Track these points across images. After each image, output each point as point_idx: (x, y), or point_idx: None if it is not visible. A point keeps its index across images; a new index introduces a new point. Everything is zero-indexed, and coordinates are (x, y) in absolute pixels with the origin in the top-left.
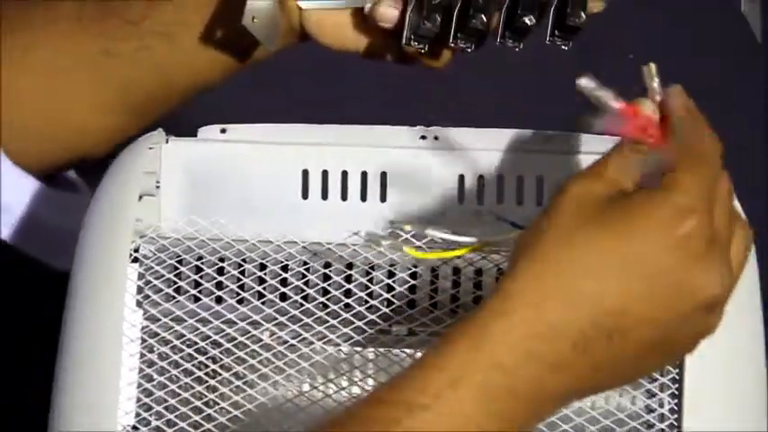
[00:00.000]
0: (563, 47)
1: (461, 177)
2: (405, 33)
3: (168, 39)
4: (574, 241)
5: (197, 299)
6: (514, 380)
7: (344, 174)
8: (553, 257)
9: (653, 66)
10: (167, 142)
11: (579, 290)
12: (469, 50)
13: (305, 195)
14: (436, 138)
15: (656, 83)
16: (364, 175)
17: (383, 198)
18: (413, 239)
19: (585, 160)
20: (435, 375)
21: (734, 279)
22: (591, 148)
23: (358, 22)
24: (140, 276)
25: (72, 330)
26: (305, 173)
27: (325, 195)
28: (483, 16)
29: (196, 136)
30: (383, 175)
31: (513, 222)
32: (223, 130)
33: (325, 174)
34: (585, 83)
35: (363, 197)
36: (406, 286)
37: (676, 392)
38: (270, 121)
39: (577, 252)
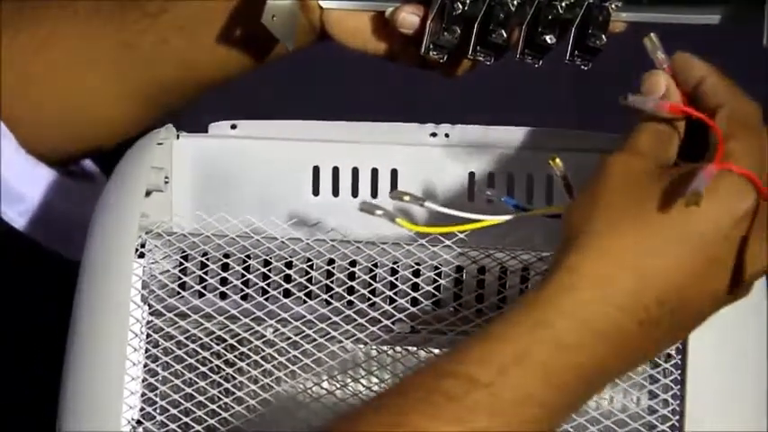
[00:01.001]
0: (582, 66)
1: (471, 174)
2: (424, 42)
3: (187, 33)
4: (633, 217)
5: (202, 295)
6: (580, 358)
7: (355, 171)
8: (616, 233)
9: (653, 36)
10: (178, 138)
11: (645, 266)
12: (489, 63)
13: (315, 192)
14: (447, 135)
15: (660, 53)
16: (375, 171)
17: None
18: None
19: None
20: (500, 350)
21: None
22: (603, 145)
23: (378, 25)
24: (146, 272)
25: (78, 325)
26: (315, 169)
27: (336, 192)
28: (503, 31)
29: (207, 132)
30: (394, 172)
31: (516, 205)
32: (234, 126)
33: (335, 170)
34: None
35: (374, 194)
36: (409, 284)
37: (678, 393)
38: (281, 117)
39: (640, 228)
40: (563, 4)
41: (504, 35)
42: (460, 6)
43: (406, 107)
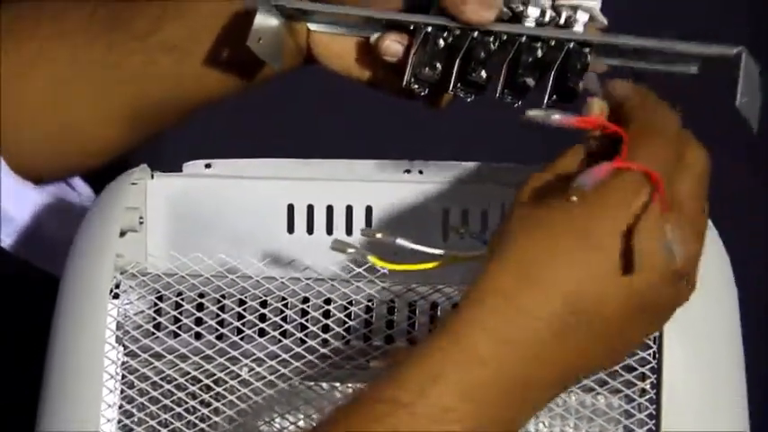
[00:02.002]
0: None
1: (446, 211)
2: (406, 75)
3: (176, 54)
4: (533, 228)
5: (177, 335)
6: (496, 371)
7: (330, 208)
8: (517, 246)
9: (592, 75)
10: (152, 177)
11: (545, 274)
12: (469, 99)
13: (290, 230)
14: (421, 171)
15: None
16: (349, 209)
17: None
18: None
19: None
20: (417, 371)
21: (699, 245)
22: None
23: (363, 51)
24: (121, 312)
25: (53, 366)
26: (290, 207)
27: (310, 230)
28: (483, 72)
29: (181, 171)
30: (368, 209)
31: (485, 240)
32: (208, 165)
33: (310, 208)
34: (533, 113)
35: (349, 231)
36: (385, 321)
37: (654, 397)
38: (255, 155)
39: (538, 238)
40: (543, 48)
41: (484, 75)
42: (442, 42)
43: (381, 143)
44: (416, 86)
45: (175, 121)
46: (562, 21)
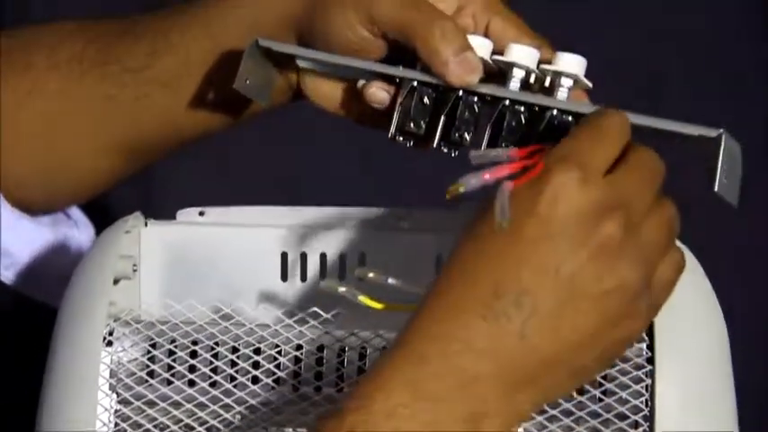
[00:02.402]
0: None
1: (439, 258)
2: (391, 128)
3: (169, 89)
4: (472, 242)
5: (170, 382)
6: (437, 366)
7: (323, 256)
8: (456, 255)
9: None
10: (146, 225)
11: (477, 271)
12: (453, 155)
13: (284, 278)
14: (415, 219)
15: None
16: (343, 257)
17: (362, 279)
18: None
19: None
20: (369, 378)
21: (651, 262)
22: None
23: (352, 93)
24: (114, 360)
25: (46, 413)
26: (284, 255)
27: (304, 277)
28: (467, 134)
29: (175, 218)
30: (361, 257)
31: None
32: (202, 213)
33: (303, 256)
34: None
35: (342, 278)
36: None
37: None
38: (248, 202)
39: (474, 246)
40: (526, 112)
41: (468, 138)
42: (427, 100)
43: (374, 188)
44: (401, 139)
45: (167, 153)
46: (547, 83)
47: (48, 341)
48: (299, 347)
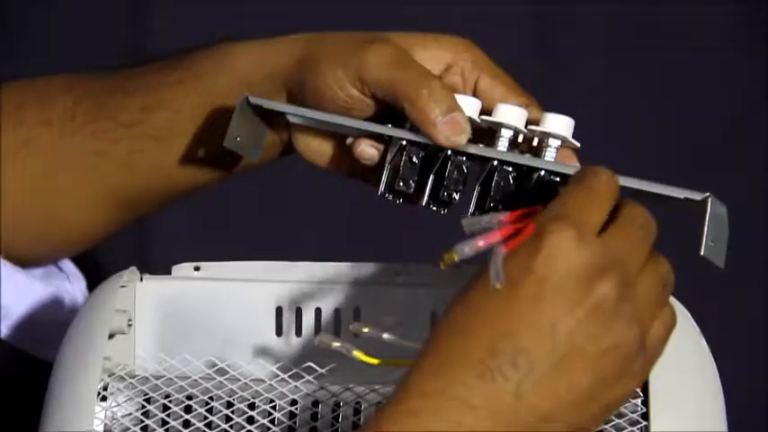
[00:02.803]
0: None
1: (433, 314)
2: (381, 186)
3: (162, 143)
4: (470, 298)
5: None
6: (426, 419)
7: (318, 310)
8: (454, 313)
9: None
10: (141, 280)
11: (474, 329)
12: (442, 212)
13: (278, 332)
14: (410, 274)
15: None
16: (337, 311)
17: (357, 334)
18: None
19: None
20: None
21: (646, 320)
22: None
23: (343, 148)
24: (108, 415)
25: None
26: (279, 310)
27: (299, 332)
28: (455, 194)
29: (170, 273)
30: (356, 312)
31: None
32: (197, 268)
33: (298, 311)
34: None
35: (337, 333)
36: None
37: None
38: (242, 258)
39: (476, 304)
40: (514, 173)
41: (456, 196)
42: (416, 159)
43: (369, 243)
44: (390, 196)
45: (161, 206)
46: (535, 143)
47: (42, 396)
48: (293, 402)
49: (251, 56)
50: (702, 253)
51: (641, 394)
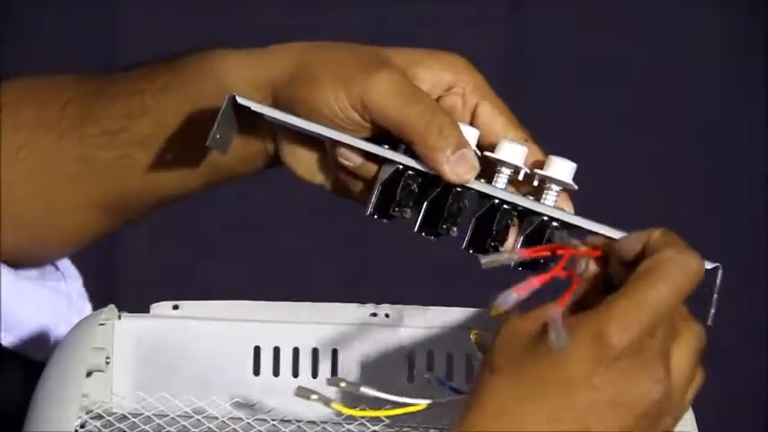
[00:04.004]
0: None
1: (411, 354)
2: (369, 206)
3: (147, 150)
4: (510, 374)
5: None
6: None
7: (296, 350)
8: (494, 391)
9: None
10: (120, 318)
11: (520, 416)
12: (431, 239)
13: (256, 372)
14: (387, 315)
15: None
16: (315, 351)
17: (334, 375)
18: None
19: None
20: None
21: (678, 382)
22: None
23: (329, 161)
24: None
25: None
26: (257, 349)
27: (276, 372)
28: (454, 227)
29: (149, 312)
30: (334, 352)
31: (452, 387)
32: (176, 307)
33: (276, 350)
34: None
35: (314, 374)
36: None
37: None
38: (222, 297)
39: (515, 383)
40: (513, 211)
41: (455, 229)
42: (415, 188)
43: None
44: (376, 216)
45: (150, 210)
46: (535, 183)
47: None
48: None
49: (239, 64)
50: (709, 323)
51: None
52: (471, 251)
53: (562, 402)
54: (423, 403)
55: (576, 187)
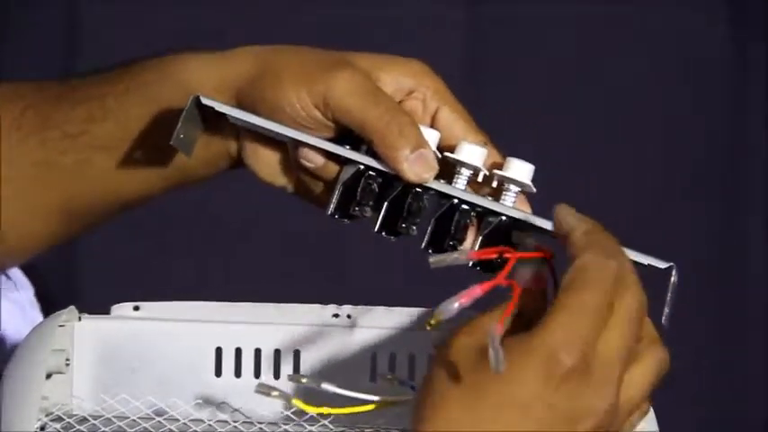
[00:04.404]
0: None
1: (374, 355)
2: (331, 205)
3: (108, 153)
4: (461, 396)
5: None
6: None
7: (258, 351)
8: (445, 415)
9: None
10: (80, 320)
11: None
12: (392, 239)
13: (218, 373)
14: (349, 316)
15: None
16: (277, 352)
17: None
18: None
19: None
20: None
21: (626, 403)
22: None
23: (291, 162)
24: None
25: None
26: (218, 350)
27: (238, 373)
28: (414, 227)
29: (109, 313)
30: (296, 353)
31: (414, 386)
32: (136, 308)
33: (238, 351)
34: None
35: (277, 375)
36: None
37: None
38: (183, 297)
39: (467, 405)
40: (473, 214)
41: (414, 228)
42: (376, 187)
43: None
44: (338, 216)
45: (109, 217)
46: (494, 184)
47: None
48: None
49: (201, 66)
50: (663, 321)
51: None
52: (430, 251)
53: (519, 423)
54: (376, 400)
55: (534, 189)
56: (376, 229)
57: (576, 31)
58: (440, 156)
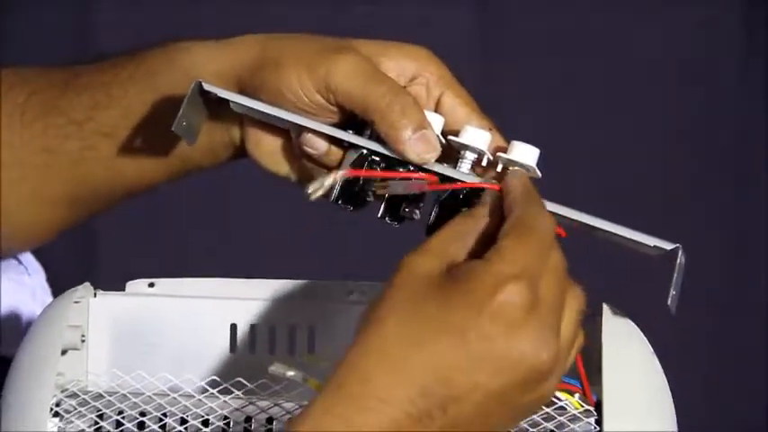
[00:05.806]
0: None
1: None
2: (334, 192)
3: (113, 140)
4: (400, 315)
5: None
6: None
7: (272, 328)
8: (381, 332)
9: None
10: (95, 296)
11: (405, 361)
12: (395, 226)
13: (233, 349)
14: (364, 293)
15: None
16: (292, 329)
17: (311, 352)
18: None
19: None
20: None
21: (565, 345)
22: None
23: (294, 151)
24: (61, 431)
25: None
26: (233, 327)
27: (253, 349)
28: (417, 211)
29: (124, 289)
30: (311, 330)
31: None
32: (151, 284)
33: (253, 328)
34: None
35: (291, 351)
36: None
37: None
38: (198, 274)
39: (403, 325)
40: (478, 198)
41: (417, 213)
42: (378, 170)
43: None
44: (341, 203)
45: (114, 203)
46: (499, 168)
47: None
48: (247, 419)
49: (204, 54)
50: (669, 303)
51: (595, 413)
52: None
53: (454, 346)
54: None
55: (539, 174)
56: (379, 215)
57: (583, 17)
58: (443, 141)
